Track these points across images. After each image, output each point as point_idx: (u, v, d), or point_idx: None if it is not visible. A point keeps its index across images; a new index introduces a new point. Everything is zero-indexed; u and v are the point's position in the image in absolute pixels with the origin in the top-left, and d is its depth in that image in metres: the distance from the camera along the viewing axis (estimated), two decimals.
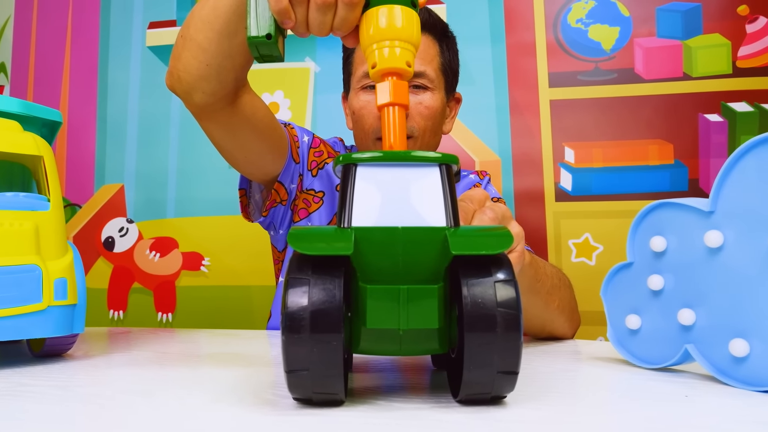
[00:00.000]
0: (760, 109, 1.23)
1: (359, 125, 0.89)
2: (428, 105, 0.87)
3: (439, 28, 0.90)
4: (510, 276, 0.37)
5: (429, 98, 0.87)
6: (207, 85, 0.71)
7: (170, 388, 0.44)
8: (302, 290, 0.35)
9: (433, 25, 0.89)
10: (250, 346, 0.68)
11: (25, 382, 0.47)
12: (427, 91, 0.87)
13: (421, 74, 0.86)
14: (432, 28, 0.89)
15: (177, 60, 0.71)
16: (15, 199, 0.54)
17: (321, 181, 0.93)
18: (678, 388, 0.43)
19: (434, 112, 0.87)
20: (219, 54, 0.68)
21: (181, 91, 0.74)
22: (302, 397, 0.37)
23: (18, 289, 0.52)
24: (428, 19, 0.88)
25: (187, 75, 0.71)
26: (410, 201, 0.40)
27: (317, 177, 0.93)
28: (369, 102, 0.87)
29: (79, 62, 1.50)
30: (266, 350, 0.64)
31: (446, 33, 0.91)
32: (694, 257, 0.46)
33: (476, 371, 0.35)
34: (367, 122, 0.87)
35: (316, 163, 0.93)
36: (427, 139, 0.88)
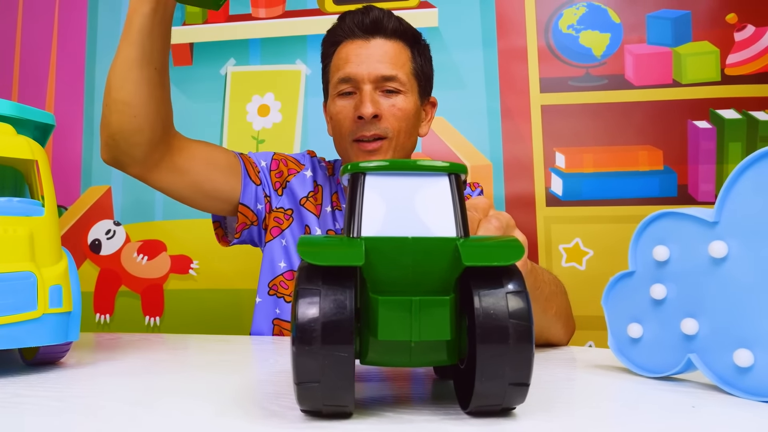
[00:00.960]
0: (748, 117, 1.25)
1: (337, 130, 0.92)
2: (401, 107, 0.90)
3: (410, 34, 0.94)
4: (521, 287, 0.37)
5: (401, 101, 0.90)
6: (142, 137, 0.81)
7: (171, 398, 0.43)
8: (313, 301, 0.35)
9: (403, 32, 0.93)
10: (245, 353, 0.68)
11: (21, 392, 0.45)
12: (399, 94, 0.90)
13: (392, 78, 0.90)
14: (403, 34, 0.93)
15: (107, 127, 0.81)
16: (8, 204, 0.53)
17: (288, 199, 0.98)
18: (683, 398, 0.43)
19: (407, 114, 0.91)
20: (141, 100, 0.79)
21: (120, 153, 0.83)
22: (311, 409, 0.36)
23: (12, 296, 0.51)
24: (398, 27, 0.92)
25: (121, 135, 0.81)
26: (420, 210, 0.39)
27: (283, 195, 0.98)
28: (344, 107, 0.90)
29: (66, 62, 1.48)
30: (262, 357, 0.64)
31: (418, 40, 0.96)
32: (697, 267, 0.47)
33: (488, 383, 0.35)
34: (344, 126, 0.90)
35: (279, 184, 0.98)
36: (402, 141, 0.91)
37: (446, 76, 1.35)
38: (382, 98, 0.89)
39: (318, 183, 0.99)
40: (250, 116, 1.41)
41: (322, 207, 0.97)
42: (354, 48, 0.91)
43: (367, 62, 0.89)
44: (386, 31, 0.91)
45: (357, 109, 0.88)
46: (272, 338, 0.84)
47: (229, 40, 1.43)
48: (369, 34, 0.91)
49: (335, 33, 0.94)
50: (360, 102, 0.88)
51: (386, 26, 0.91)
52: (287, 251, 0.96)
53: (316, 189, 0.98)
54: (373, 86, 0.89)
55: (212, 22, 1.44)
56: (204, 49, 1.44)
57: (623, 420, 0.38)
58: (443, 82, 1.35)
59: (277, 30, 1.41)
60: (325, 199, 0.98)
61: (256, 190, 0.95)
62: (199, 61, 1.44)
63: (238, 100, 1.41)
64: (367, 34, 0.91)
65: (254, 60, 1.42)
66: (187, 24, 1.45)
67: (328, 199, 0.98)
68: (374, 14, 0.91)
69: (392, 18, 0.92)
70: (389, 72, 0.89)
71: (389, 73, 0.89)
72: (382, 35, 0.91)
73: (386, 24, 0.91)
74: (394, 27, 0.91)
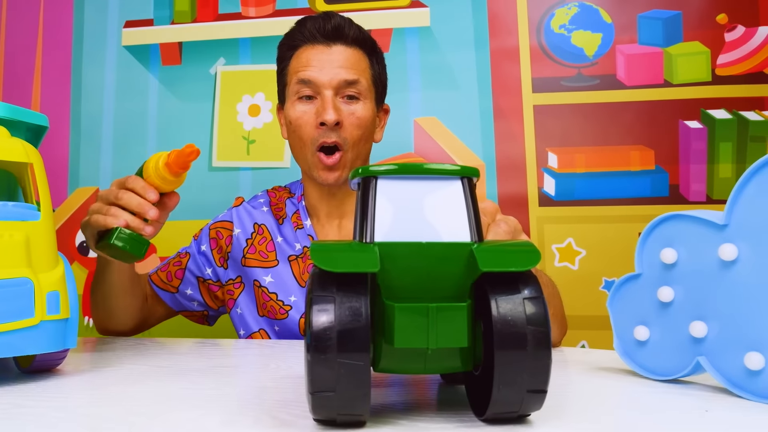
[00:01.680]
0: (738, 117, 1.26)
1: (296, 135, 0.92)
2: (360, 115, 0.90)
3: (369, 43, 0.95)
4: (538, 293, 0.36)
5: (361, 108, 0.91)
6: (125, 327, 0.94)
7: (177, 407, 0.42)
8: (327, 309, 0.34)
9: (363, 40, 0.94)
10: (244, 357, 0.67)
11: (20, 402, 0.44)
12: (359, 101, 0.91)
13: (355, 82, 0.90)
14: (362, 43, 0.94)
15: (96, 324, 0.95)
16: (3, 208, 0.52)
17: (232, 269, 0.97)
18: (695, 401, 0.43)
19: (365, 122, 0.91)
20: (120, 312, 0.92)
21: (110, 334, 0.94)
22: (325, 418, 0.36)
23: (9, 303, 0.50)
24: (359, 35, 0.93)
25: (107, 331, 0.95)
26: (432, 215, 0.39)
27: (228, 268, 0.98)
28: (306, 112, 0.90)
29: (52, 61, 1.45)
30: (262, 363, 0.63)
31: (375, 49, 0.96)
32: (706, 270, 0.46)
33: (505, 390, 0.35)
34: (305, 132, 0.90)
35: (222, 258, 0.98)
36: (359, 148, 0.92)
37: (438, 76, 1.35)
38: (342, 105, 0.90)
39: (258, 224, 0.98)
40: (240, 116, 1.39)
41: (273, 241, 0.96)
42: (315, 53, 0.91)
43: (329, 67, 0.89)
44: (347, 39, 0.92)
45: (319, 116, 0.88)
46: (271, 342, 0.83)
47: (219, 39, 1.41)
48: (330, 40, 0.91)
49: (294, 37, 0.94)
50: (322, 108, 0.88)
51: (347, 33, 0.92)
52: (243, 319, 0.96)
53: (253, 235, 0.97)
54: (334, 92, 0.89)
55: (201, 21, 1.42)
56: (193, 49, 1.42)
57: (640, 426, 0.38)
58: (435, 82, 1.35)
59: (267, 29, 1.40)
60: (274, 231, 0.97)
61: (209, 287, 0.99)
62: (188, 61, 1.42)
63: (228, 100, 1.40)
64: (328, 40, 0.91)
65: (244, 59, 1.40)
66: (175, 23, 1.43)
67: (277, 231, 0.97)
68: (336, 21, 0.91)
69: (353, 26, 0.93)
70: (352, 75, 0.90)
71: (352, 78, 0.90)
72: (343, 42, 0.91)
73: (347, 31, 0.92)
74: (354, 35, 0.92)
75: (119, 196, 0.72)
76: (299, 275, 0.93)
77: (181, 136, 1.40)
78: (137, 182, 0.72)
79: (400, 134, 1.34)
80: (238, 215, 1.00)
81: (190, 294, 0.99)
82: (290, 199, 1.01)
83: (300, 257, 0.94)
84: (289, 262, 0.94)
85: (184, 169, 0.70)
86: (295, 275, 0.93)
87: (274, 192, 1.04)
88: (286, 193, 1.03)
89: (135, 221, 0.71)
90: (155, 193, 0.71)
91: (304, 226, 0.96)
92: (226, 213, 1.02)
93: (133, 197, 0.72)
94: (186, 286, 0.99)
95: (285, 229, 0.97)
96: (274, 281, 0.93)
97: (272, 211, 0.99)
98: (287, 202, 1.01)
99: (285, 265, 0.94)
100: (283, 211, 0.99)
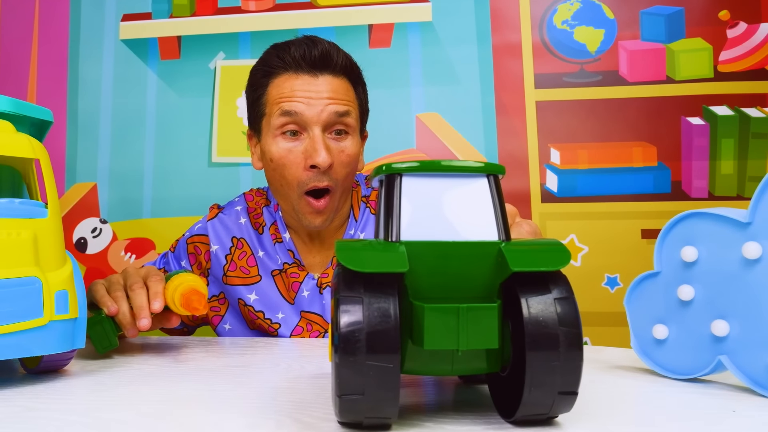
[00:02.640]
0: (740, 113, 1.26)
1: (279, 173, 0.84)
2: (349, 153, 0.84)
3: (355, 71, 0.88)
4: (568, 293, 0.36)
5: (350, 145, 0.85)
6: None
7: (195, 410, 0.41)
8: (355, 309, 0.33)
9: (351, 68, 0.87)
10: (253, 356, 0.66)
11: (32, 405, 0.43)
12: (348, 135, 0.85)
13: (345, 114, 0.83)
14: (349, 71, 0.86)
15: None
16: (10, 206, 0.50)
17: (214, 285, 0.92)
18: (719, 401, 0.43)
19: (354, 159, 0.86)
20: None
21: None
22: (352, 421, 0.35)
23: (17, 303, 0.48)
24: (347, 63, 0.86)
25: None
26: (459, 213, 0.38)
27: (209, 284, 0.92)
28: (291, 151, 0.82)
29: (48, 55, 1.43)
30: (273, 362, 0.62)
31: (360, 76, 0.89)
32: (729, 268, 0.46)
33: (536, 391, 0.34)
34: (290, 172, 0.83)
35: (203, 275, 0.92)
36: (346, 185, 0.87)
37: (440, 71, 1.34)
38: (331, 142, 0.83)
39: (236, 237, 0.92)
40: (240, 111, 1.38)
41: (254, 255, 0.91)
42: (300, 84, 0.82)
43: (317, 102, 0.81)
44: (335, 67, 0.84)
45: (309, 157, 0.81)
46: (276, 340, 0.82)
47: (219, 33, 1.40)
48: (317, 69, 0.83)
49: (271, 63, 0.85)
50: (312, 149, 0.81)
51: (336, 61, 0.84)
52: (233, 334, 0.92)
53: (232, 250, 0.91)
54: (322, 128, 0.82)
55: (201, 15, 1.41)
56: (192, 43, 1.40)
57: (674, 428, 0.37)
58: (437, 77, 1.34)
59: (267, 23, 1.38)
60: (254, 244, 0.91)
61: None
62: (187, 55, 1.40)
63: (228, 95, 1.38)
64: (314, 69, 0.83)
65: (244, 54, 1.39)
66: (174, 17, 1.41)
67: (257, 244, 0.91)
68: (323, 47, 0.83)
69: (340, 53, 0.85)
70: (341, 109, 0.83)
71: (342, 110, 0.83)
72: (330, 71, 0.84)
73: (336, 59, 0.84)
74: (343, 63, 0.85)
75: (133, 288, 0.67)
76: (285, 291, 0.89)
77: (181, 132, 1.39)
78: (156, 285, 0.67)
79: (402, 130, 1.33)
80: (214, 229, 0.93)
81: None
82: (267, 207, 0.94)
83: (283, 272, 0.90)
84: (273, 277, 0.90)
85: (189, 311, 0.66)
86: (280, 291, 0.89)
87: (251, 195, 0.96)
88: (263, 200, 0.95)
89: (126, 317, 0.66)
90: (161, 304, 0.66)
91: (283, 240, 0.91)
92: (201, 225, 0.94)
93: (142, 297, 0.66)
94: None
95: (265, 240, 0.92)
96: (259, 299, 0.89)
97: (250, 220, 0.93)
98: (264, 210, 0.94)
99: (269, 280, 0.90)
100: (261, 218, 0.93)
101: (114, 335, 0.65)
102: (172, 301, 0.66)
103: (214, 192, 1.35)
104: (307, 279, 0.89)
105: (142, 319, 0.65)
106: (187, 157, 1.38)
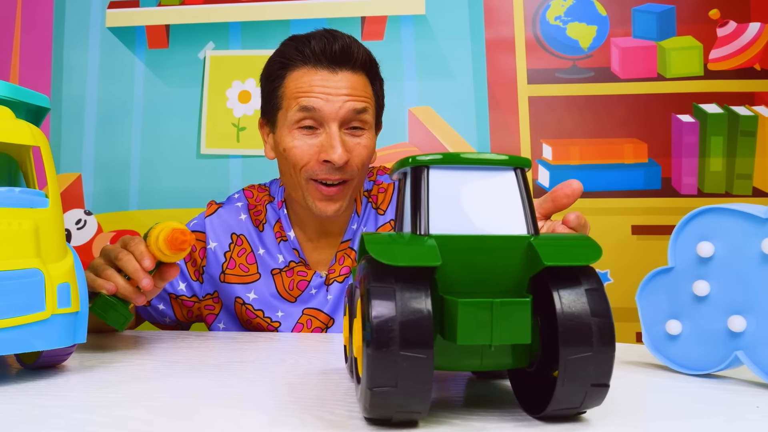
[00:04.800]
0: (729, 111, 1.27)
1: (290, 161, 0.83)
2: (366, 145, 0.84)
3: (374, 67, 0.87)
4: (598, 284, 0.35)
5: (365, 139, 0.84)
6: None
7: (209, 406, 0.40)
8: (388, 301, 0.32)
9: (369, 63, 0.85)
10: (256, 351, 0.64)
11: (37, 402, 0.41)
12: (364, 131, 0.84)
13: (362, 110, 0.82)
14: (368, 67, 0.85)
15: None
16: (11, 195, 0.49)
17: (209, 283, 0.90)
18: (740, 397, 0.43)
19: (370, 153, 0.86)
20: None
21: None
22: (382, 416, 0.34)
23: (19, 296, 0.47)
24: (366, 59, 0.84)
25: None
26: (487, 207, 0.37)
27: (204, 282, 0.90)
28: (306, 144, 0.82)
29: (31, 42, 1.39)
30: (278, 357, 0.60)
31: (378, 72, 0.88)
32: (746, 263, 0.46)
33: (570, 384, 0.34)
34: (301, 161, 0.82)
35: (197, 272, 0.90)
36: (361, 179, 0.87)
37: (433, 64, 1.34)
38: (348, 138, 0.83)
39: (236, 234, 0.90)
40: (230, 102, 1.36)
41: (254, 253, 0.89)
42: (319, 79, 0.81)
43: (336, 98, 0.81)
44: (355, 63, 0.83)
45: (325, 152, 0.81)
46: (275, 334, 0.80)
47: (208, 22, 1.37)
48: (336, 65, 0.82)
49: (290, 56, 0.83)
50: (329, 145, 0.80)
51: (356, 57, 0.82)
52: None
53: (231, 247, 0.89)
54: (339, 124, 0.81)
55: (190, 3, 1.38)
56: (181, 32, 1.37)
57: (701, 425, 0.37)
58: (430, 71, 1.34)
59: (259, 13, 1.36)
60: (254, 242, 0.90)
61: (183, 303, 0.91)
62: (176, 45, 1.37)
63: (218, 86, 1.36)
64: (333, 65, 0.82)
65: (234, 44, 1.36)
66: (162, 5, 1.38)
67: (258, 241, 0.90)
68: (344, 42, 0.82)
69: (360, 48, 0.84)
70: (359, 106, 0.82)
71: (360, 107, 0.82)
72: (350, 67, 0.82)
73: (356, 54, 0.82)
74: (362, 58, 0.83)
75: (119, 257, 0.66)
76: (284, 290, 0.88)
77: (169, 123, 1.36)
78: (138, 246, 0.66)
79: (395, 124, 1.32)
80: (212, 226, 0.91)
81: (162, 309, 0.91)
82: (270, 204, 0.93)
83: (284, 270, 0.88)
84: (272, 276, 0.88)
85: (179, 251, 0.65)
86: (278, 290, 0.88)
87: (251, 192, 0.95)
88: (266, 196, 0.94)
89: (127, 288, 0.66)
90: (151, 260, 0.65)
91: (288, 238, 0.90)
92: (197, 221, 0.92)
93: (131, 261, 0.65)
94: (158, 301, 0.90)
95: (266, 238, 0.90)
96: (258, 298, 0.87)
97: (251, 217, 0.91)
98: (267, 207, 0.92)
99: (268, 279, 0.88)
100: (263, 215, 0.92)
101: (126, 309, 0.66)
102: (160, 251, 0.65)
103: (202, 184, 1.33)
104: (315, 277, 0.88)
105: (141, 281, 0.65)
106: (175, 148, 1.35)
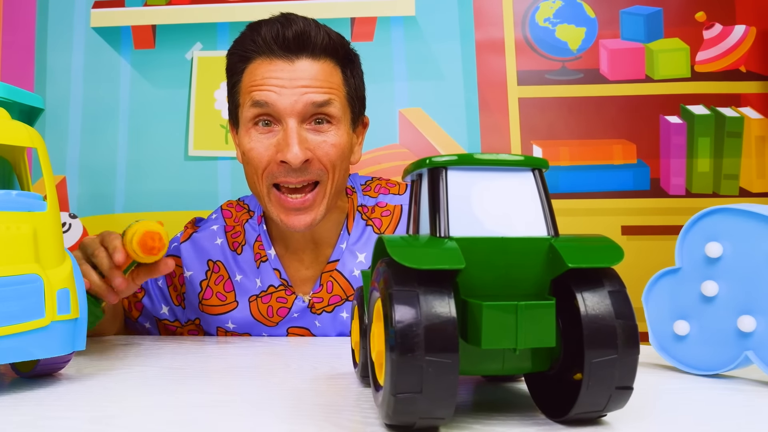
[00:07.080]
0: (716, 113, 1.29)
1: (251, 165, 0.76)
2: (334, 142, 0.75)
3: (342, 50, 0.77)
4: (621, 286, 0.35)
5: (334, 135, 0.75)
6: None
7: (223, 415, 0.39)
8: (412, 305, 0.32)
9: (334, 48, 0.76)
10: (257, 357, 0.63)
11: (45, 414, 0.40)
12: (332, 125, 0.75)
13: (325, 103, 0.74)
14: (333, 52, 0.76)
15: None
16: (8, 198, 0.47)
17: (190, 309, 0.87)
18: (751, 397, 0.43)
19: (341, 149, 0.76)
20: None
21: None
22: (404, 423, 0.33)
23: (17, 303, 0.45)
24: (328, 42, 0.75)
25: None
26: (506, 208, 0.37)
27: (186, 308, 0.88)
28: (261, 144, 0.75)
29: (14, 42, 1.36)
30: (281, 362, 0.60)
31: (349, 56, 0.79)
32: (756, 263, 0.46)
33: (595, 387, 0.33)
34: (260, 165, 0.75)
35: (179, 297, 0.87)
36: (338, 180, 0.78)
37: (424, 66, 1.33)
38: (310, 134, 0.74)
39: (212, 261, 0.85)
40: (218, 104, 1.34)
41: (231, 281, 0.84)
42: (273, 70, 0.73)
43: (291, 90, 0.73)
44: (314, 49, 0.74)
45: (281, 151, 0.73)
46: (271, 339, 0.79)
47: (195, 23, 1.35)
48: (292, 53, 0.73)
49: (245, 46, 0.76)
50: (285, 143, 0.73)
51: (314, 42, 0.74)
52: None
53: (208, 274, 0.85)
54: (298, 120, 0.73)
55: (176, 4, 1.36)
56: (168, 32, 1.35)
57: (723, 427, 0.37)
58: (421, 72, 1.33)
59: (246, 13, 1.35)
60: (231, 268, 0.85)
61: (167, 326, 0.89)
62: (163, 45, 1.35)
63: (205, 87, 1.34)
64: (289, 53, 0.73)
65: (222, 44, 1.35)
66: (149, 5, 1.36)
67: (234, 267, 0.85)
68: (298, 27, 0.73)
69: (320, 31, 0.75)
70: (321, 98, 0.74)
71: (321, 99, 0.74)
72: (309, 54, 0.74)
73: (314, 39, 0.74)
74: (323, 43, 0.74)
75: (95, 254, 0.64)
76: (261, 317, 0.83)
77: (156, 124, 1.34)
78: (113, 242, 0.63)
79: (385, 125, 1.32)
80: (187, 253, 0.86)
81: (148, 328, 0.88)
82: (250, 221, 0.86)
83: (261, 296, 0.83)
84: (249, 303, 0.83)
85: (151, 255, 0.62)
86: (255, 317, 0.83)
87: (230, 211, 0.89)
88: (244, 214, 0.88)
89: (101, 287, 0.64)
90: (123, 256, 0.61)
91: (268, 257, 0.83)
92: (175, 245, 0.87)
93: (105, 259, 0.63)
94: (144, 320, 0.88)
95: (244, 262, 0.84)
96: (238, 326, 0.84)
97: (227, 240, 0.86)
98: (246, 225, 0.86)
99: (245, 306, 0.83)
100: (241, 236, 0.86)
101: (97, 308, 0.66)
102: (134, 252, 0.62)
103: (190, 187, 1.31)
104: (297, 302, 0.82)
105: (114, 280, 0.63)
106: (162, 150, 1.33)
